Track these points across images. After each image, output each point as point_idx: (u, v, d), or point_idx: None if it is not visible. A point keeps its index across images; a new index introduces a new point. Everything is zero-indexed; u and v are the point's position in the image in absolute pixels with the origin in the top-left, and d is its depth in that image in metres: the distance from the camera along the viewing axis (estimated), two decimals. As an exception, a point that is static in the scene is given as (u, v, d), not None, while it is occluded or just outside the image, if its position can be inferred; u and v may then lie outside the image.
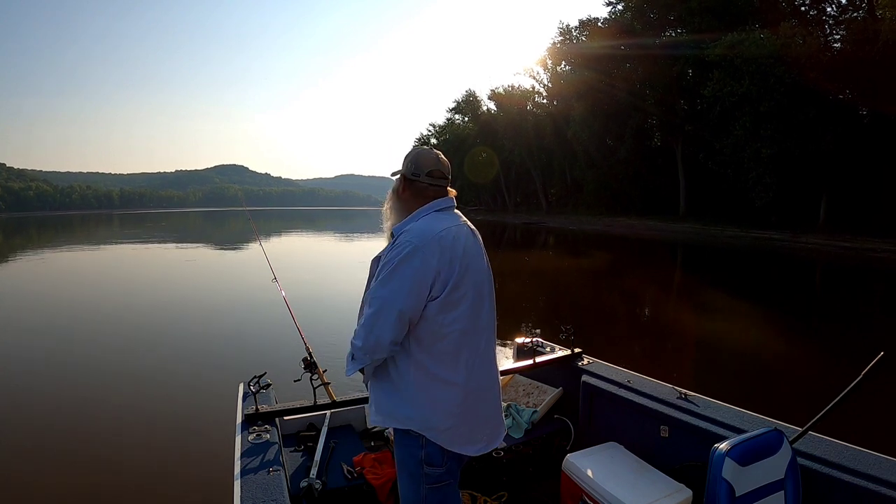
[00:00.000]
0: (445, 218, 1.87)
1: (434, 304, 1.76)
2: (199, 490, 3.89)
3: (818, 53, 26.72)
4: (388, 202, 2.00)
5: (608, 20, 44.64)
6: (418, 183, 1.90)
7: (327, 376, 2.94)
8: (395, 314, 1.71)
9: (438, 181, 1.91)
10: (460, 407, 1.80)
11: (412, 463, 1.84)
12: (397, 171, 1.98)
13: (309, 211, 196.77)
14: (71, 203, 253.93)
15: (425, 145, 42.84)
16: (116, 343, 8.12)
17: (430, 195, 1.90)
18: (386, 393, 1.87)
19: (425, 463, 1.82)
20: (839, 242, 24.37)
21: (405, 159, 1.96)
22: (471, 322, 1.82)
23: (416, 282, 1.73)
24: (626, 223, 39.53)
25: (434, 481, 1.84)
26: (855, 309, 11.42)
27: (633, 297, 12.69)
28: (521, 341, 3.66)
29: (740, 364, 7.04)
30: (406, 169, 1.92)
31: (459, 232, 1.85)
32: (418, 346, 1.79)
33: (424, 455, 1.81)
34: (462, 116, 75.82)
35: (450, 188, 1.97)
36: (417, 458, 1.83)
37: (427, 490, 1.84)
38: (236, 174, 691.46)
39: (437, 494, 1.86)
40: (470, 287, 1.82)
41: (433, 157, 1.94)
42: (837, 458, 2.05)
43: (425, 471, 1.83)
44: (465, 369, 1.81)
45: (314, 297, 11.04)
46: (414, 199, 1.91)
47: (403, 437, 1.86)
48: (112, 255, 23.60)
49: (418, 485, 1.85)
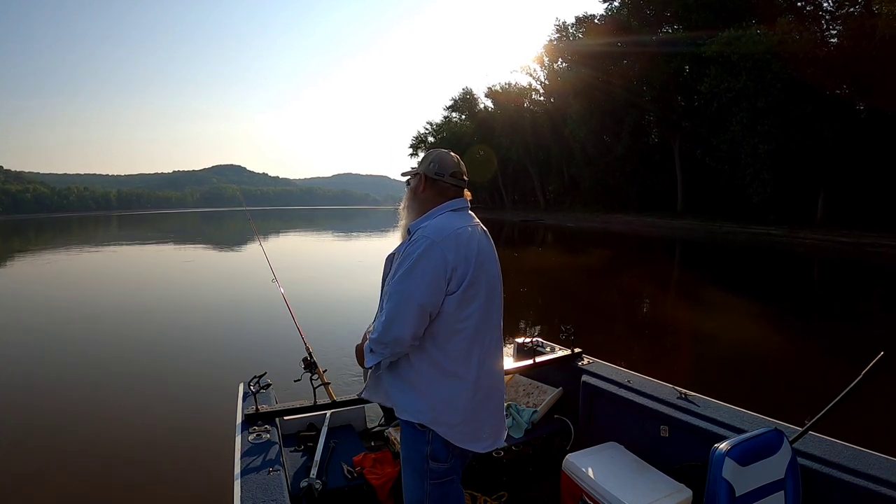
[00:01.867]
0: (461, 217, 1.92)
1: (452, 299, 1.79)
2: (199, 490, 3.89)
3: (815, 49, 26.73)
4: (405, 201, 2.04)
5: (605, 17, 44.70)
6: (441, 182, 1.96)
7: (327, 376, 2.94)
8: (415, 308, 1.74)
9: (459, 182, 1.98)
10: (471, 403, 1.84)
11: (417, 458, 1.87)
12: (409, 172, 2.03)
13: (307, 210, 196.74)
14: (69, 205, 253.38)
15: (422, 143, 43.09)
16: (116, 343, 8.11)
17: (450, 195, 1.96)
18: (398, 387, 1.90)
19: (430, 458, 1.85)
20: (837, 238, 24.40)
21: (425, 160, 2.02)
22: (483, 320, 1.86)
23: (435, 276, 1.76)
24: (623, 220, 39.59)
25: (438, 477, 1.87)
26: (854, 306, 11.42)
27: (633, 295, 12.68)
28: (521, 341, 3.67)
29: (740, 363, 7.03)
30: (428, 169, 1.97)
31: (474, 232, 1.90)
32: (432, 341, 1.81)
33: (430, 451, 1.84)
34: (459, 114, 75.71)
35: (466, 190, 2.02)
36: (423, 453, 1.85)
37: (430, 486, 1.87)
38: (234, 174, 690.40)
39: (440, 490, 1.88)
40: (483, 285, 1.86)
41: (455, 159, 2.01)
42: (837, 458, 2.05)
43: (430, 466, 1.85)
44: (477, 366, 1.84)
45: (314, 297, 11.02)
46: (434, 198, 1.95)
47: (410, 433, 1.88)
48: (111, 256, 23.55)
49: (422, 480, 1.88)
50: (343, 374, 5.60)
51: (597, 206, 46.52)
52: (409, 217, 1.99)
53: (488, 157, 60.69)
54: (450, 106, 75.94)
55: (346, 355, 6.31)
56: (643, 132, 43.09)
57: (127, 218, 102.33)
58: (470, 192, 2.02)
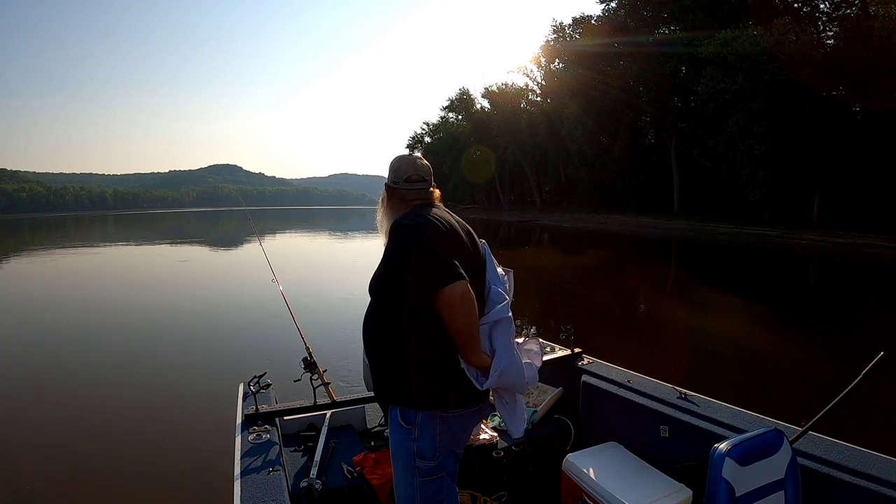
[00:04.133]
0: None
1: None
2: (200, 490, 3.88)
3: (811, 50, 26.79)
4: (379, 213, 2.10)
5: (602, 18, 44.66)
6: (399, 190, 2.02)
7: (327, 376, 2.94)
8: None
9: (417, 185, 2.02)
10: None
11: (405, 455, 1.88)
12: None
13: (303, 210, 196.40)
14: (65, 204, 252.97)
15: (419, 144, 43.17)
16: (116, 343, 8.08)
17: (411, 198, 2.01)
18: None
19: (417, 456, 1.85)
20: (833, 238, 24.46)
21: (389, 169, 2.08)
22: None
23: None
24: (620, 220, 39.62)
25: (426, 474, 1.87)
26: (852, 306, 11.46)
27: (632, 295, 12.71)
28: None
29: (740, 363, 7.05)
30: (388, 179, 2.05)
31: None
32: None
33: (416, 448, 1.85)
34: (456, 115, 75.64)
35: (434, 189, 2.06)
36: (410, 450, 1.86)
37: (420, 482, 1.87)
38: (230, 174, 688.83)
39: (430, 487, 1.88)
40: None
41: (410, 161, 2.05)
42: (837, 458, 2.06)
43: (417, 464, 1.85)
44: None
45: (314, 297, 11.01)
46: (399, 205, 2.01)
47: (397, 430, 1.89)
48: (110, 256, 23.52)
49: (412, 477, 1.88)
50: (343, 374, 5.60)
51: (593, 207, 46.58)
52: (387, 225, 2.01)
53: (486, 158, 60.65)
54: (446, 106, 75.95)
55: (346, 355, 6.34)
56: (640, 133, 43.11)
57: (123, 217, 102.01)
58: (467, 192, 2.04)
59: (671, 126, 37.85)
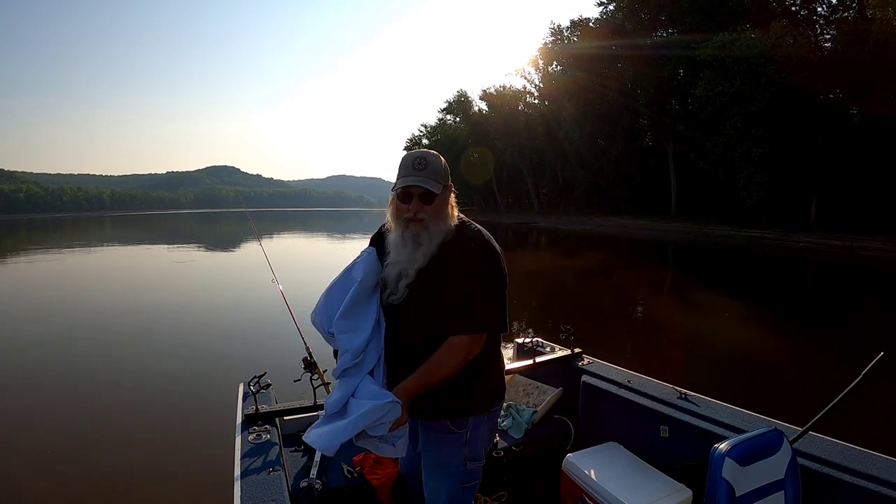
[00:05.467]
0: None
1: None
2: (200, 490, 3.88)
3: (809, 53, 26.87)
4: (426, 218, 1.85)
5: (599, 20, 44.82)
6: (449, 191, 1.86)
7: (327, 376, 2.93)
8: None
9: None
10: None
11: (456, 462, 1.86)
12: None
13: (301, 212, 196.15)
14: (62, 205, 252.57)
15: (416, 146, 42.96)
16: (116, 343, 8.07)
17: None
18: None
19: (469, 459, 1.86)
20: (830, 241, 24.50)
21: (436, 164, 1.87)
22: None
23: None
24: (617, 223, 39.65)
25: (470, 479, 1.89)
26: (850, 307, 11.50)
27: (631, 296, 12.73)
28: (520, 341, 3.66)
29: (740, 364, 7.06)
30: (442, 177, 1.82)
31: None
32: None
33: (468, 451, 1.85)
34: (454, 117, 75.80)
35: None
36: (461, 455, 1.85)
37: (461, 490, 1.88)
38: (228, 175, 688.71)
39: (470, 494, 1.91)
40: None
41: (405, 163, 1.81)
42: (837, 458, 2.06)
43: (468, 467, 1.86)
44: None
45: (314, 297, 10.89)
46: (453, 210, 1.86)
47: (444, 439, 1.86)
48: (110, 256, 23.48)
49: (457, 486, 1.87)
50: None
51: (591, 209, 46.66)
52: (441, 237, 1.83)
53: (484, 160, 60.75)
54: (444, 108, 76.13)
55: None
56: (637, 135, 43.24)
57: (121, 218, 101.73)
58: (465, 194, 1.99)
59: (669, 129, 37.93)
